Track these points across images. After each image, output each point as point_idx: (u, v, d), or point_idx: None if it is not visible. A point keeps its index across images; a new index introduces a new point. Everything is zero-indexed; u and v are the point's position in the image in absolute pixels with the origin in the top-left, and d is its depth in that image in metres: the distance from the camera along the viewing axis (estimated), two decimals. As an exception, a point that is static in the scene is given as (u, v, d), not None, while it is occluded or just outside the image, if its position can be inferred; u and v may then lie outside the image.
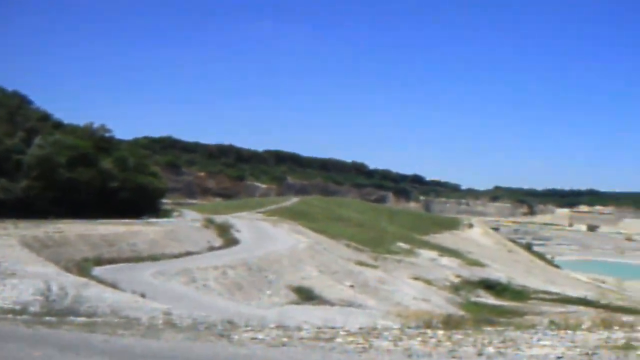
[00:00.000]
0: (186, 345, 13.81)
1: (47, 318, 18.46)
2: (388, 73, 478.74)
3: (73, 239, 52.44)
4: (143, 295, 30.67)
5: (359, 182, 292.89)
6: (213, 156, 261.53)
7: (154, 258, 53.07)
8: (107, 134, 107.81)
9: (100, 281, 34.76)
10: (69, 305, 20.69)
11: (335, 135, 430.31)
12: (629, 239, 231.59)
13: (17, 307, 20.82)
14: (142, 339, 14.74)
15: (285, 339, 14.39)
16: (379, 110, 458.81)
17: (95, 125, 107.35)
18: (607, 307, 61.50)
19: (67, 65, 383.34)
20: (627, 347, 12.30)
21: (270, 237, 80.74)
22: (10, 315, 19.06)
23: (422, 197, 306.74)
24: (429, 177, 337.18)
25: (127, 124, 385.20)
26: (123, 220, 71.78)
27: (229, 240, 72.54)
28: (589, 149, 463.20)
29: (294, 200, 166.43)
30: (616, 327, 15.53)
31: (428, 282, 72.33)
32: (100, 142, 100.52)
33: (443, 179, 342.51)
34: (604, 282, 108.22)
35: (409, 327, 16.82)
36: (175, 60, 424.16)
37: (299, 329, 16.46)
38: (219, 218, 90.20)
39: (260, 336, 14.88)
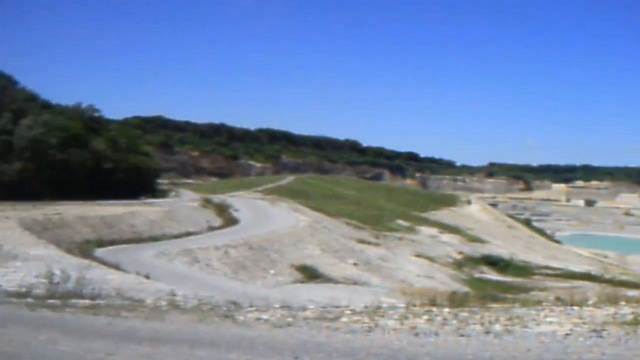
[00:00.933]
0: (190, 326, 13.83)
1: (51, 301, 18.44)
2: (381, 50, 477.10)
3: (72, 221, 52.41)
4: (147, 277, 30.71)
5: (353, 160, 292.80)
6: (205, 135, 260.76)
7: (154, 239, 53.17)
8: (96, 114, 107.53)
9: (103, 263, 34.84)
10: (73, 288, 20.61)
11: (328, 113, 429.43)
12: (627, 213, 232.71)
13: (22, 290, 20.82)
14: (146, 320, 14.75)
15: (290, 319, 14.40)
16: (372, 87, 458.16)
17: (84, 105, 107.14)
18: (611, 282, 61.67)
19: (53, 45, 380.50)
20: (636, 322, 12.34)
21: (269, 216, 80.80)
22: (14, 299, 19.04)
23: (417, 174, 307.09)
24: (423, 154, 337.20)
25: (116, 104, 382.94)
26: (121, 202, 71.81)
27: (228, 219, 72.61)
28: (582, 124, 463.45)
29: (290, 178, 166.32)
30: (622, 303, 15.55)
31: (430, 259, 72.48)
32: (90, 123, 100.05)
33: (437, 156, 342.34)
34: (606, 257, 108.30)
35: (414, 305, 16.83)
36: (163, 39, 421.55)
37: (304, 308, 16.46)
38: (217, 198, 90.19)
39: (264, 316, 14.89)
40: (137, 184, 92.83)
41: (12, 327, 13.22)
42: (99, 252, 41.25)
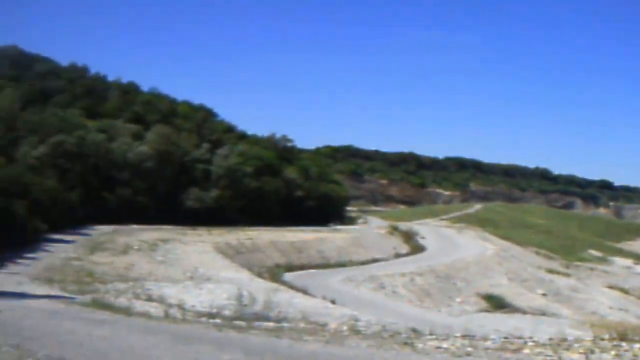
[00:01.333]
0: (369, 353, 13.64)
1: (238, 322, 18.92)
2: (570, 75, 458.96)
3: (264, 246, 54.23)
4: (333, 302, 31.02)
5: (543, 188, 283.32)
6: (394, 164, 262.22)
7: (341, 264, 53.95)
8: (289, 144, 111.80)
9: (291, 287, 35.63)
10: (260, 310, 21.18)
11: (517, 141, 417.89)
12: None
13: (213, 311, 21.57)
14: (326, 345, 14.73)
15: (469, 349, 13.89)
16: (562, 112, 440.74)
17: (278, 135, 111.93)
18: None
19: (251, 80, 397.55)
20: None
21: (455, 244, 79.68)
22: (204, 319, 19.76)
23: (611, 203, 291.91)
24: (617, 182, 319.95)
25: (309, 134, 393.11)
26: (310, 228, 73.32)
27: (415, 247, 72.34)
28: None
29: (477, 207, 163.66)
30: None
31: (624, 291, 68.43)
32: (283, 152, 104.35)
33: (632, 184, 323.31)
34: None
35: (602, 339, 15.77)
36: (353, 72, 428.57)
37: (485, 338, 15.86)
38: (404, 225, 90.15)
39: (444, 345, 14.46)
40: (327, 211, 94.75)
41: (198, 346, 13.65)
42: (288, 276, 42.27)
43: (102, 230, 57.92)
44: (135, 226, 62.04)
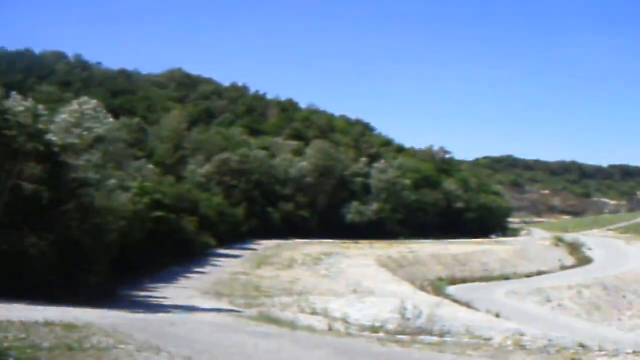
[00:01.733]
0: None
1: (401, 336, 18.88)
2: None
3: (425, 259, 54.03)
4: (497, 315, 30.48)
5: None
6: (555, 173, 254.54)
7: (505, 277, 52.94)
8: (447, 156, 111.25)
9: (454, 300, 35.29)
10: (423, 324, 21.08)
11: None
12: None
13: (376, 325, 21.69)
14: (490, 360, 14.52)
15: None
16: None
17: (435, 147, 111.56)
18: None
19: (404, 90, 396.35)
20: None
21: (624, 255, 76.10)
22: (367, 332, 19.89)
23: None
24: None
25: (467, 145, 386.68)
26: (471, 240, 72.49)
27: (581, 258, 69.85)
28: None
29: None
30: None
31: None
32: (441, 164, 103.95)
33: None
34: None
35: None
36: (509, 78, 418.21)
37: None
38: (568, 236, 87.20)
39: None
40: (488, 223, 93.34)
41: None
42: (450, 289, 41.93)
43: (266, 245, 59.65)
44: (298, 240, 63.47)
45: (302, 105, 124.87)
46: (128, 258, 35.59)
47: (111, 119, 32.16)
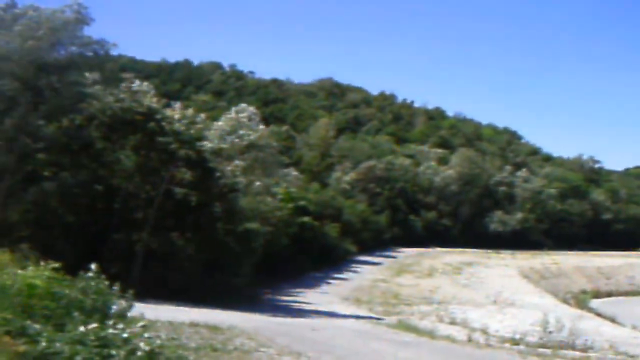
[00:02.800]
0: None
1: (542, 350, 18.86)
2: None
3: (569, 271, 52.91)
4: (646, 331, 29.59)
5: None
6: None
7: (653, 292, 51.01)
8: (596, 165, 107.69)
9: (598, 314, 34.53)
10: (566, 338, 20.94)
11: None
12: None
13: (516, 337, 21.73)
14: (637, 378, 14.47)
15: None
16: None
17: (585, 157, 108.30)
18: None
19: (553, 98, 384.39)
20: None
21: None
22: (507, 345, 19.99)
23: None
24: None
25: (618, 154, 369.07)
26: (618, 252, 70.14)
27: None
28: None
29: None
30: None
31: None
32: (590, 174, 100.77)
33: None
34: None
35: None
36: None
37: None
38: None
39: None
40: (637, 235, 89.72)
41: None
42: (594, 303, 40.94)
43: (407, 253, 60.07)
44: (439, 249, 63.52)
45: (450, 113, 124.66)
46: (272, 262, 37.03)
47: (262, 127, 33.59)
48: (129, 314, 9.27)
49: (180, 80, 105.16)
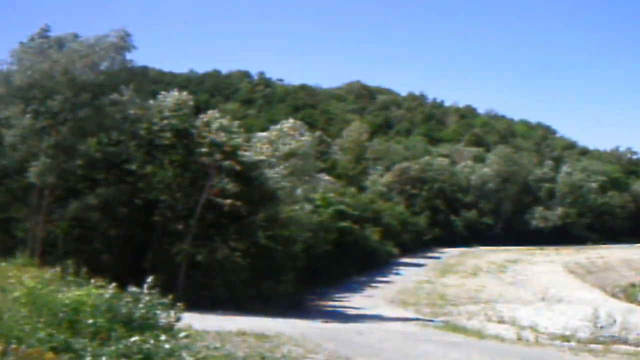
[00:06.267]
0: None
1: (594, 346, 18.56)
2: None
3: (616, 264, 52.13)
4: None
5: None
6: None
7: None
8: (634, 157, 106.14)
9: (650, 308, 33.89)
10: (617, 333, 20.57)
11: None
12: None
13: (566, 333, 21.39)
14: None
15: None
16: None
17: (622, 149, 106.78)
18: None
19: (585, 91, 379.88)
20: None
21: None
22: (557, 341, 19.67)
23: None
24: None
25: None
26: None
27: None
28: None
29: None
30: None
31: None
32: (629, 166, 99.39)
33: None
34: None
35: None
36: None
37: None
38: None
39: None
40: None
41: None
42: (644, 297, 40.18)
43: (450, 253, 59.67)
44: (482, 248, 63.01)
45: (481, 111, 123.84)
46: (315, 268, 37.00)
47: (304, 137, 33.48)
48: (177, 325, 9.22)
49: (208, 90, 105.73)
